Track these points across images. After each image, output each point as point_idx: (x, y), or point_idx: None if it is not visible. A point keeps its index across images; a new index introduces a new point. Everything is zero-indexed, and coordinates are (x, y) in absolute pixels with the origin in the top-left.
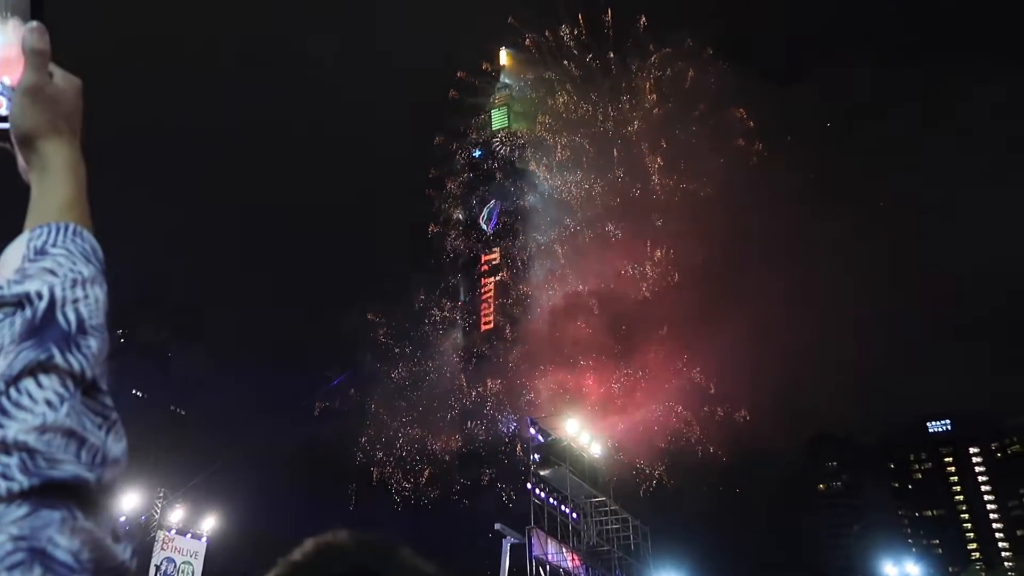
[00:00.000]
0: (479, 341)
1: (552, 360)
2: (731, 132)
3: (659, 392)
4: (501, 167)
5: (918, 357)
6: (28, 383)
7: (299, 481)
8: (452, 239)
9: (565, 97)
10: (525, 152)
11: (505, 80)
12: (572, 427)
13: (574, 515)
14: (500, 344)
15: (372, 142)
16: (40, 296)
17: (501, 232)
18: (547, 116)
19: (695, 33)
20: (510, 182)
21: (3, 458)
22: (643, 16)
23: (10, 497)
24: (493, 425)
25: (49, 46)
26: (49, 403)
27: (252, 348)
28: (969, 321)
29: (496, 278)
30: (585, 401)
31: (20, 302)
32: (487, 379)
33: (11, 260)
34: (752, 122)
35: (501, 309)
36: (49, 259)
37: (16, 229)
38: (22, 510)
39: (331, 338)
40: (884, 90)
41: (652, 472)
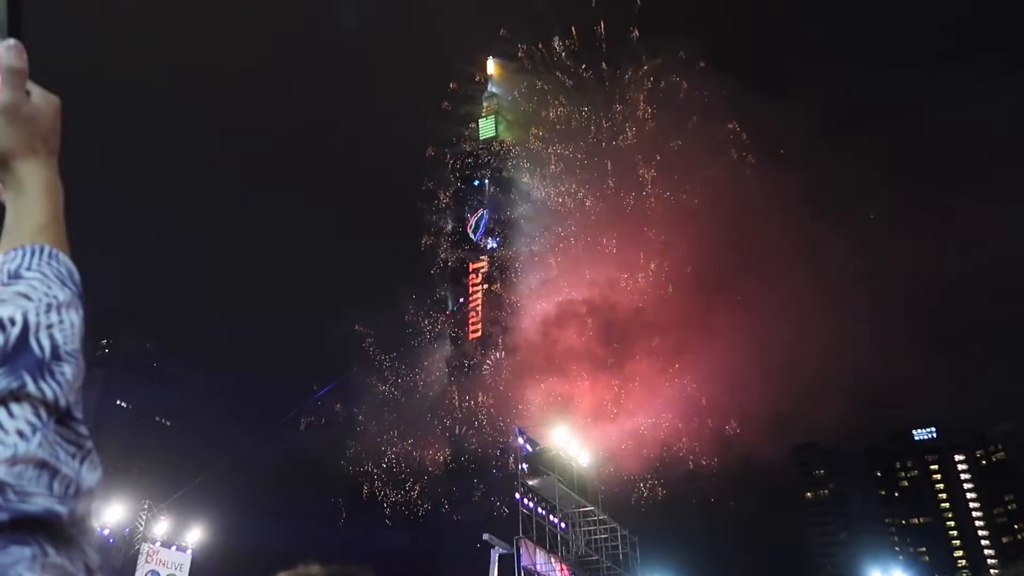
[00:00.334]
0: (467, 350)
1: (541, 369)
2: (723, 143)
3: (649, 402)
4: (490, 176)
5: (903, 365)
6: None
7: (286, 493)
8: (442, 249)
9: (557, 107)
10: (514, 161)
11: (493, 89)
12: (560, 436)
13: (562, 525)
14: (488, 352)
15: (366, 153)
16: (13, 322)
17: (490, 240)
18: (538, 126)
19: (688, 45)
20: (498, 191)
21: None
22: (635, 29)
23: None
24: (481, 435)
25: (27, 64)
26: (21, 433)
27: (238, 359)
28: (954, 329)
29: (484, 286)
30: (574, 410)
31: None
32: (475, 389)
33: None
34: (744, 134)
35: (489, 317)
36: (23, 283)
37: None
38: None
39: (319, 349)
40: (874, 98)
41: (642, 482)
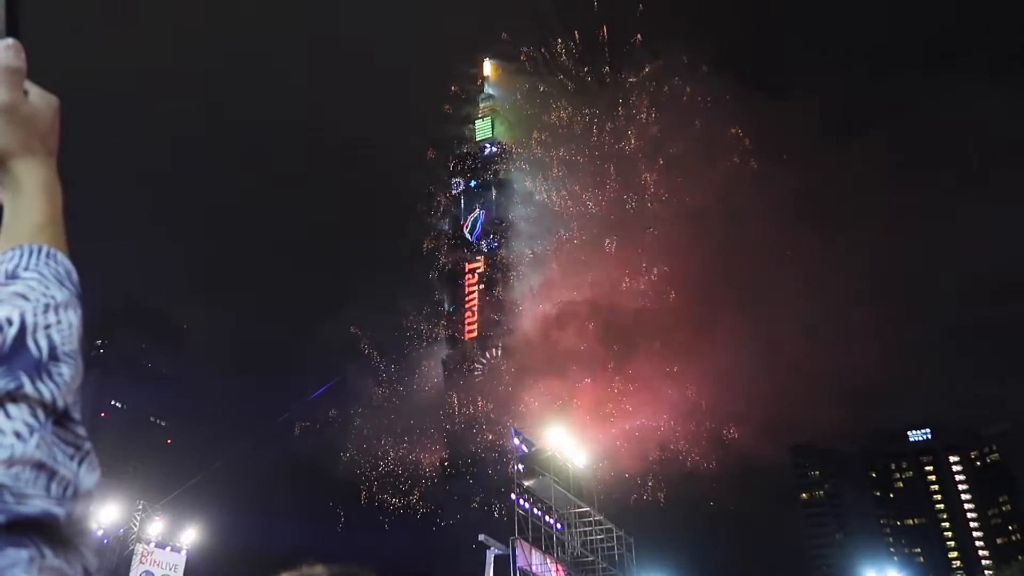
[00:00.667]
0: (463, 350)
1: (539, 370)
2: (724, 146)
3: (648, 403)
4: (486, 177)
5: (899, 367)
6: None
7: (281, 494)
8: (440, 251)
9: (559, 110)
10: (511, 162)
11: (489, 91)
12: (557, 437)
13: (558, 525)
14: (484, 353)
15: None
16: (10, 322)
17: (486, 241)
18: (538, 128)
19: (690, 47)
20: (495, 192)
21: None
22: (638, 34)
23: None
24: (477, 435)
25: (25, 64)
26: (18, 434)
27: (234, 360)
28: (949, 331)
29: (481, 287)
30: (571, 411)
31: None
32: (471, 389)
33: None
34: (746, 138)
35: (486, 318)
36: (20, 283)
37: None
38: None
39: (316, 351)
40: (874, 100)
41: (638, 483)
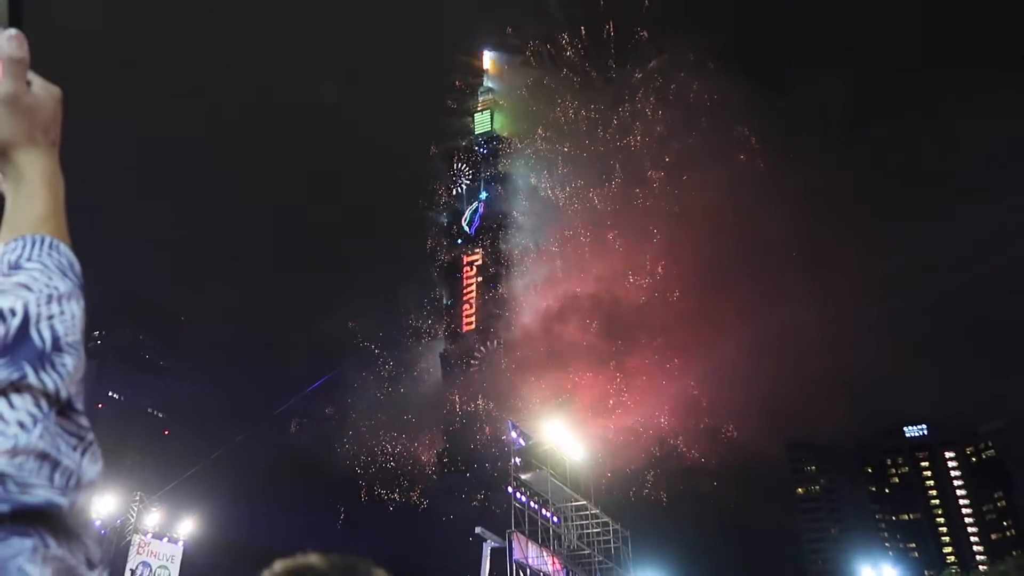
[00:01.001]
0: (461, 343)
1: (537, 363)
2: (729, 144)
3: (647, 398)
4: (485, 170)
5: (897, 364)
6: None
7: (279, 487)
8: (440, 245)
9: (563, 104)
10: (510, 155)
11: (489, 84)
12: (554, 431)
13: (555, 519)
14: (481, 345)
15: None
16: (13, 312)
17: (484, 234)
18: (538, 121)
19: (696, 44)
20: (494, 185)
21: None
22: (644, 31)
23: None
24: (474, 429)
25: (28, 54)
26: (21, 424)
27: (233, 352)
28: (946, 329)
29: (479, 279)
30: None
31: None
32: (468, 382)
33: None
34: (752, 136)
35: (483, 310)
36: (23, 273)
37: None
38: None
39: (314, 345)
40: (878, 100)
41: (636, 477)
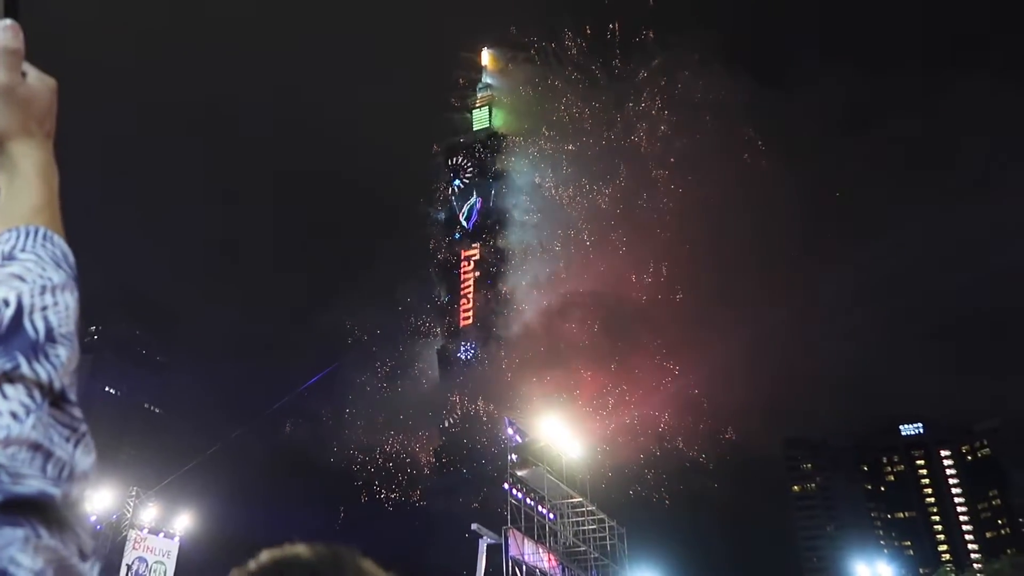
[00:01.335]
0: (458, 339)
1: (535, 359)
2: (731, 143)
3: (645, 395)
4: (483, 166)
5: (893, 361)
6: None
7: (275, 481)
8: (438, 241)
9: (561, 100)
10: (509, 151)
11: (487, 80)
12: (551, 427)
13: (551, 515)
14: (479, 341)
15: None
16: (7, 303)
17: (482, 230)
18: (537, 118)
19: (699, 44)
20: (491, 180)
21: None
22: (650, 31)
23: None
24: (471, 425)
25: (23, 45)
26: (14, 415)
27: (231, 348)
28: (943, 328)
29: (476, 274)
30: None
31: None
32: (466, 378)
33: None
34: (753, 134)
35: (481, 305)
36: (17, 264)
37: None
38: None
39: (312, 342)
40: (878, 100)
41: (639, 475)
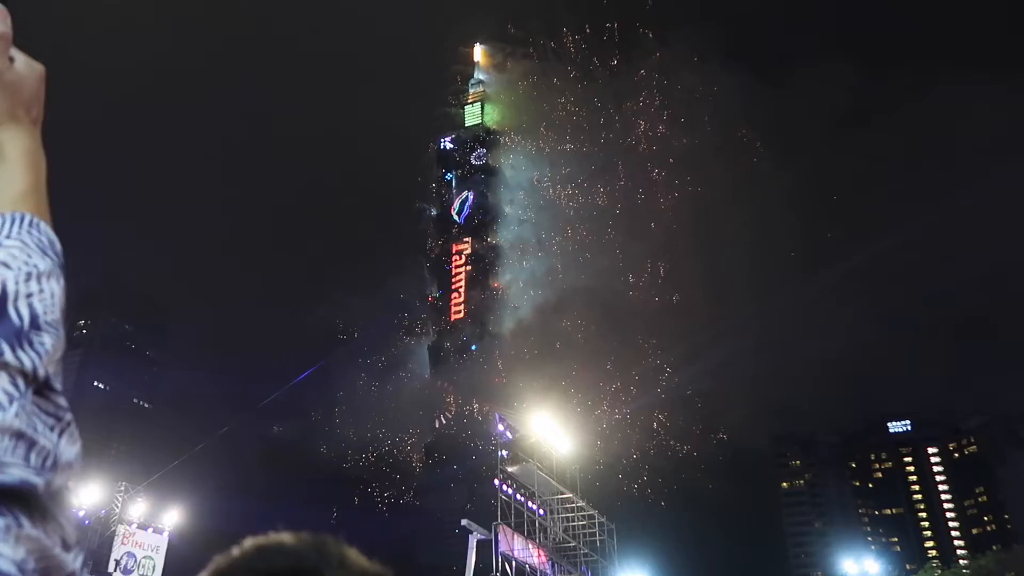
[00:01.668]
0: (450, 334)
1: (526, 355)
2: (729, 139)
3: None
4: (474, 161)
5: (882, 359)
6: None
7: (265, 476)
8: (431, 236)
9: (553, 95)
10: (501, 146)
11: (479, 77)
12: (541, 424)
13: (541, 511)
14: (471, 336)
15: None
16: None
17: (474, 224)
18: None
19: (698, 39)
20: (483, 176)
21: None
22: (648, 29)
23: None
24: (461, 422)
25: (11, 30)
26: None
27: (221, 344)
28: (931, 326)
29: (468, 268)
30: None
31: None
32: (456, 375)
33: None
34: (751, 130)
35: (473, 299)
36: (2, 251)
37: None
38: None
39: (302, 339)
40: (877, 96)
41: (630, 472)
